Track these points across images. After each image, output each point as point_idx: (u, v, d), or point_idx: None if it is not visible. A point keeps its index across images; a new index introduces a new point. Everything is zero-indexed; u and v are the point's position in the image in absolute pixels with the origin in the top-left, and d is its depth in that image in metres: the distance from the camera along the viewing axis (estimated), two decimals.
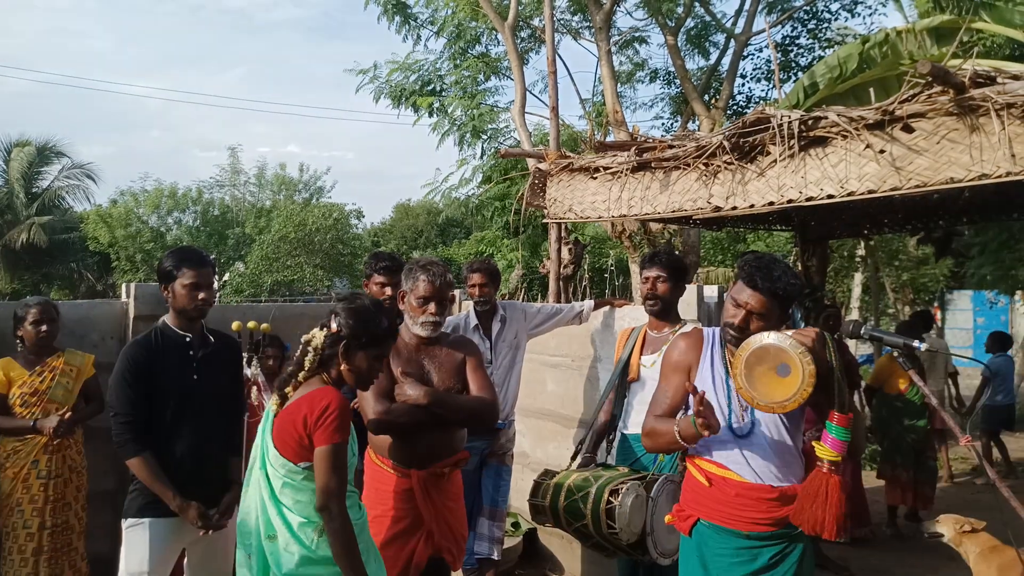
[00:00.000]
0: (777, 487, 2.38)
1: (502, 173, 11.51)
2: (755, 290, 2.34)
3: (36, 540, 3.70)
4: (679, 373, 2.51)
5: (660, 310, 3.51)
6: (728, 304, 2.43)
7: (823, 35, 11.62)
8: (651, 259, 3.56)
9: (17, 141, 25.71)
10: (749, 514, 2.37)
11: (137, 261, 23.37)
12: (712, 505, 2.42)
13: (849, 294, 14.86)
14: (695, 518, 2.48)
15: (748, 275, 2.36)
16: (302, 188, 27.92)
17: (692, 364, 2.50)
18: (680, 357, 2.53)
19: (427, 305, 2.90)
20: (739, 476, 2.39)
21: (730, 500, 2.39)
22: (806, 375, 2.19)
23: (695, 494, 2.49)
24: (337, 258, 23.82)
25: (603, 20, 10.15)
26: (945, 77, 2.69)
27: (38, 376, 3.85)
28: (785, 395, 2.23)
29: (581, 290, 11.46)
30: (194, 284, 2.90)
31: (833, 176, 3.12)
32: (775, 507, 2.37)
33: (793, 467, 2.43)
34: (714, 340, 2.53)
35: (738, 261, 2.50)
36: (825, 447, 2.30)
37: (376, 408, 2.76)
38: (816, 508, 2.27)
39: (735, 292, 2.41)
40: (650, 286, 3.51)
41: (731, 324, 2.39)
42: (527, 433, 4.98)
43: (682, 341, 2.58)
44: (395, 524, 2.85)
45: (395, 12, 11.39)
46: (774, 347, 2.24)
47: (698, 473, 2.47)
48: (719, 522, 2.41)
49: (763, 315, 2.36)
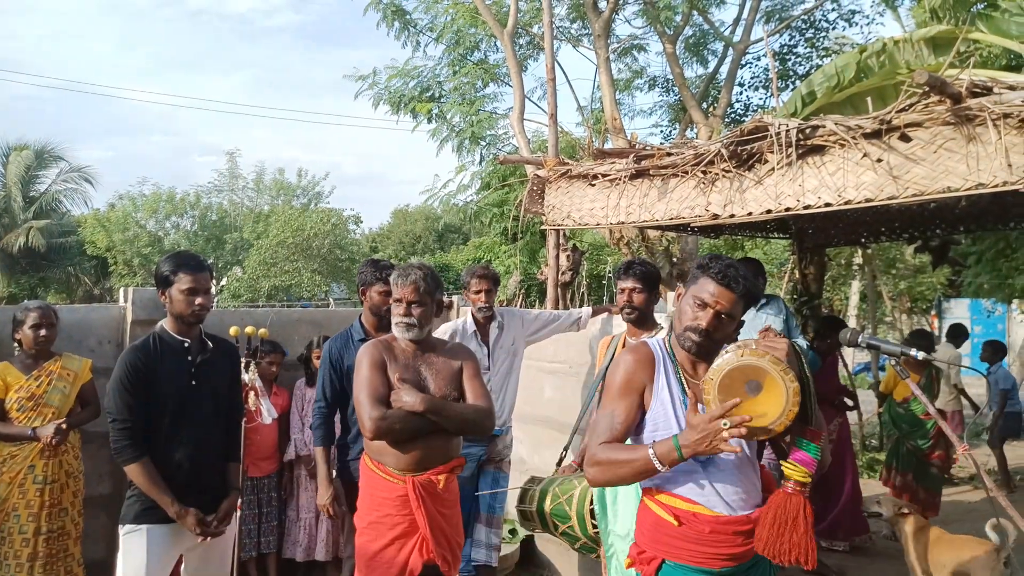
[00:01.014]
0: (749, 515, 2.15)
1: (501, 179, 11.53)
2: (727, 288, 2.13)
3: (32, 545, 3.69)
4: (630, 394, 2.20)
5: (637, 318, 3.57)
6: (688, 306, 2.18)
7: (821, 44, 11.68)
8: (626, 270, 3.62)
9: (15, 145, 25.75)
10: (723, 550, 2.13)
11: (134, 265, 23.37)
12: (680, 544, 2.15)
13: (847, 302, 14.89)
14: (660, 559, 2.18)
15: (719, 272, 2.14)
16: (300, 193, 27.94)
17: (645, 382, 2.20)
18: (630, 376, 2.21)
19: (399, 307, 2.91)
20: (711, 511, 2.13)
21: (703, 538, 2.13)
22: (791, 394, 1.98)
23: (658, 533, 2.19)
24: (335, 263, 23.84)
25: (602, 28, 10.19)
26: (942, 87, 2.70)
27: (35, 380, 3.84)
28: (770, 417, 2.00)
29: (579, 297, 11.47)
30: (191, 289, 2.90)
31: (830, 184, 3.13)
32: (750, 539, 2.13)
33: (756, 486, 2.23)
34: (664, 354, 2.25)
35: (698, 261, 2.25)
36: (796, 465, 2.09)
37: (372, 414, 2.77)
38: (789, 535, 2.04)
39: (697, 291, 2.17)
40: (626, 297, 3.57)
41: (696, 328, 2.15)
42: (524, 440, 4.98)
43: (630, 356, 2.25)
44: (390, 530, 2.85)
45: (394, 18, 11.42)
46: (752, 366, 2.00)
47: (662, 511, 2.18)
48: (688, 562, 2.15)
49: (732, 316, 2.16)
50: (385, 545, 2.85)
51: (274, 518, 4.57)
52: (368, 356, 2.89)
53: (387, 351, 2.92)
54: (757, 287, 2.22)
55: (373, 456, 2.92)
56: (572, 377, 4.71)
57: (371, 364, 2.86)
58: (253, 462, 4.41)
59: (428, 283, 2.93)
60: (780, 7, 11.89)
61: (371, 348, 2.93)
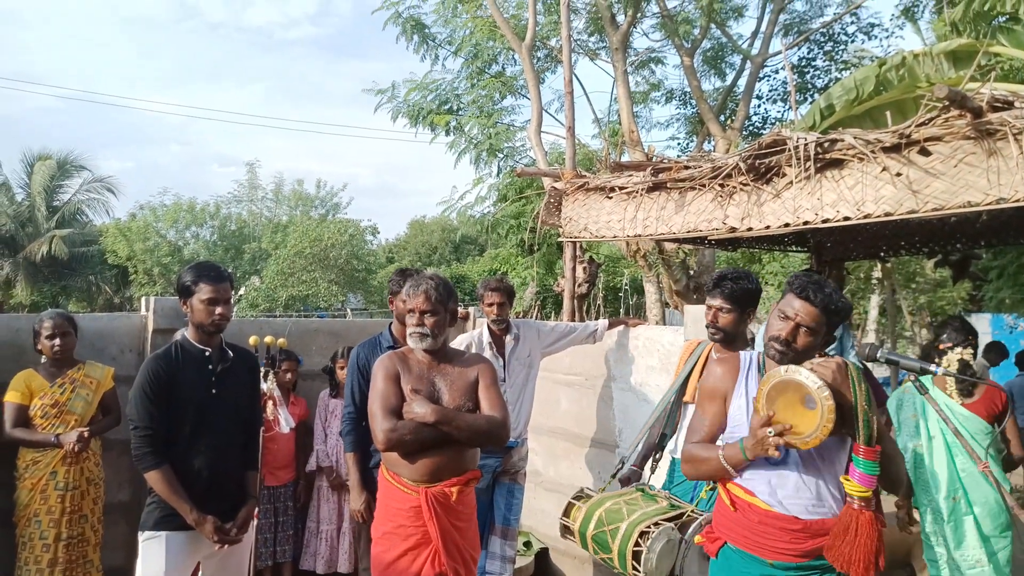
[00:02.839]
0: (803, 519, 2.31)
1: (518, 191, 11.56)
2: (807, 302, 2.30)
3: (52, 551, 3.73)
4: (716, 400, 2.47)
5: (722, 340, 3.27)
6: (774, 318, 2.37)
7: (840, 57, 11.66)
8: (715, 286, 3.26)
9: (39, 155, 26.15)
10: (772, 543, 2.32)
11: (154, 275, 23.62)
12: (737, 530, 2.39)
13: (866, 316, 14.76)
14: (722, 541, 2.45)
15: (800, 287, 2.32)
16: (319, 204, 28.15)
17: (728, 390, 2.46)
18: (716, 384, 2.49)
19: (412, 317, 2.92)
20: (764, 504, 2.34)
21: (753, 527, 2.35)
22: (825, 411, 2.15)
23: (722, 517, 2.47)
24: (352, 274, 23.95)
25: (620, 41, 10.23)
26: (962, 101, 2.70)
27: (59, 388, 3.89)
28: (806, 431, 2.19)
29: (595, 309, 11.46)
30: (212, 299, 2.93)
31: (849, 198, 3.12)
32: (800, 539, 2.30)
33: (828, 501, 2.34)
34: (750, 365, 2.49)
35: (788, 278, 2.44)
36: (852, 482, 2.23)
37: (383, 426, 2.78)
38: (845, 545, 2.20)
39: (783, 305, 2.36)
40: (712, 316, 3.25)
41: (777, 338, 2.33)
42: (540, 451, 4.97)
43: (718, 367, 2.52)
44: (403, 541, 2.85)
45: (413, 32, 11.53)
46: (794, 382, 2.20)
47: (725, 496, 2.44)
48: (744, 547, 2.38)
49: (812, 329, 2.30)
50: (399, 555, 2.85)
51: (290, 527, 4.59)
52: (382, 368, 2.90)
53: (402, 363, 2.93)
54: (841, 303, 2.35)
55: (389, 467, 2.93)
56: (588, 389, 4.70)
57: (385, 376, 2.87)
58: (270, 471, 4.43)
59: (440, 293, 2.93)
60: (799, 20, 11.89)
61: (386, 360, 2.93)
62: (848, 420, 2.22)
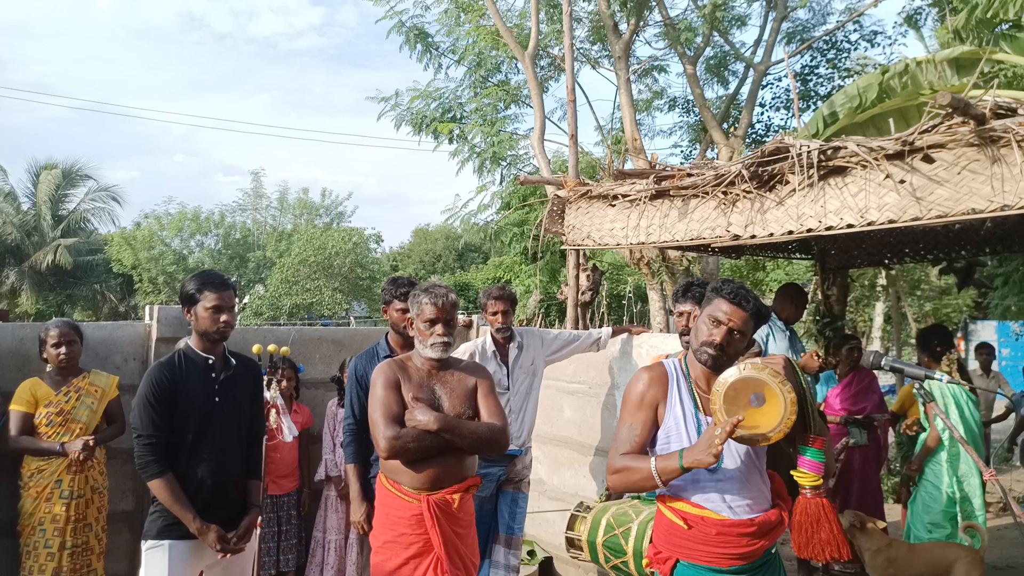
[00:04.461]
0: (754, 519, 2.35)
1: (521, 200, 11.57)
2: (738, 307, 2.35)
3: (56, 560, 3.73)
4: (645, 409, 2.43)
5: None
6: (703, 324, 2.40)
7: (843, 65, 11.65)
8: (683, 292, 3.39)
9: (45, 164, 26.27)
10: (730, 550, 2.34)
11: (159, 283, 23.68)
12: (692, 545, 2.38)
13: (870, 324, 14.71)
14: (674, 559, 2.42)
15: (732, 293, 2.37)
16: (323, 213, 28.22)
17: (659, 399, 2.43)
18: (644, 391, 2.45)
19: (434, 327, 2.92)
20: (717, 515, 2.35)
21: (710, 539, 2.34)
22: (788, 403, 2.18)
23: (671, 535, 2.43)
24: (356, 282, 24.00)
25: (622, 49, 10.26)
26: (965, 108, 2.69)
27: (64, 396, 3.90)
28: (769, 426, 2.20)
29: (599, 317, 11.44)
30: (216, 307, 2.94)
31: (853, 206, 3.12)
32: (755, 540, 2.35)
33: (764, 493, 2.42)
34: (678, 372, 2.48)
35: (711, 286, 2.49)
36: (805, 472, 2.33)
37: (386, 433, 2.77)
38: (818, 535, 2.27)
39: (712, 311, 2.38)
40: (685, 321, 3.34)
41: (711, 343, 2.36)
42: (544, 460, 4.96)
43: (645, 374, 2.49)
44: (405, 550, 2.85)
45: (417, 41, 11.58)
46: (753, 379, 2.21)
47: (673, 515, 2.41)
48: (700, 561, 2.37)
49: (744, 333, 2.37)
50: (400, 564, 2.84)
51: (293, 536, 4.57)
52: (382, 376, 2.90)
53: (401, 370, 2.93)
54: (764, 307, 2.43)
55: (388, 475, 2.92)
56: (591, 398, 4.69)
57: (385, 384, 2.87)
58: (273, 480, 4.43)
59: (456, 301, 2.98)
60: (801, 28, 11.89)
61: (385, 368, 2.93)
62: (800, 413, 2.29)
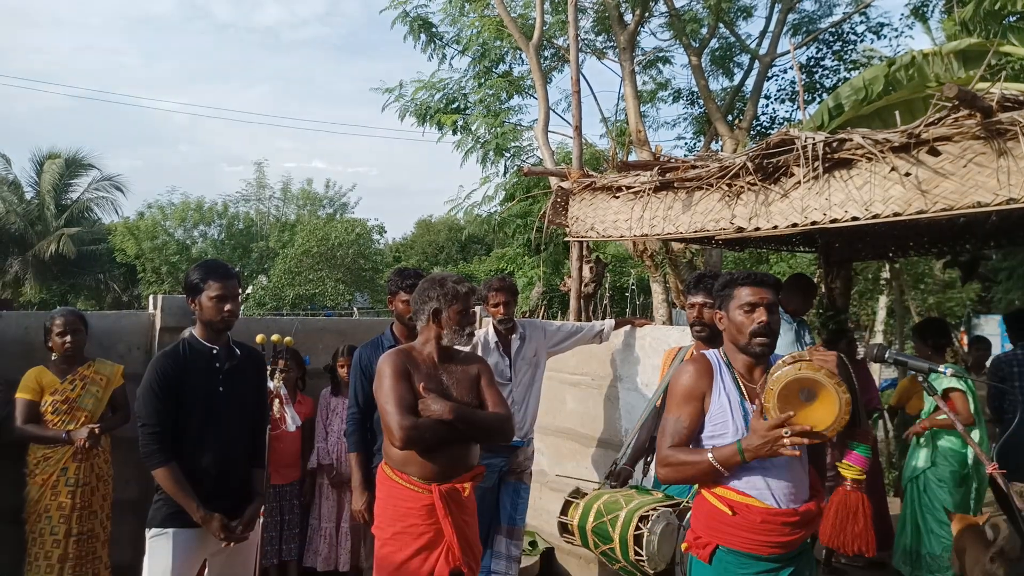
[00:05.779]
0: (798, 509, 2.41)
1: (525, 191, 11.54)
2: (759, 286, 2.47)
3: (62, 547, 3.76)
4: (692, 401, 2.48)
5: (707, 336, 3.36)
6: (738, 316, 2.50)
7: (849, 57, 11.59)
8: (695, 284, 3.42)
9: (48, 153, 26.27)
10: (772, 538, 2.38)
11: (162, 273, 23.71)
12: (734, 532, 2.41)
13: (874, 317, 14.67)
14: (714, 545, 2.46)
15: (745, 277, 2.50)
16: (327, 204, 28.21)
17: (705, 391, 2.48)
18: (692, 384, 2.49)
19: (460, 316, 2.98)
20: (763, 503, 2.39)
21: (755, 527, 2.38)
22: (843, 403, 2.21)
23: (714, 521, 2.46)
24: (359, 273, 24.02)
25: (627, 40, 10.21)
26: (972, 101, 2.68)
27: (69, 384, 3.92)
28: (823, 424, 2.23)
29: (602, 309, 11.44)
30: (220, 296, 2.95)
31: (858, 198, 3.11)
32: (797, 529, 2.40)
33: (805, 483, 2.47)
34: (720, 363, 2.53)
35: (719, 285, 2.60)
36: (851, 465, 2.41)
37: (403, 423, 2.75)
38: (851, 528, 2.33)
39: (738, 302, 2.50)
40: (696, 312, 3.36)
41: (760, 329, 2.45)
42: (546, 451, 4.97)
43: (691, 367, 2.53)
44: (416, 540, 2.85)
45: (421, 31, 11.54)
46: (809, 379, 2.25)
47: (718, 502, 2.44)
48: (742, 548, 2.41)
49: (778, 306, 2.51)
50: (411, 555, 2.84)
51: (296, 526, 4.60)
52: (390, 365, 2.88)
53: (409, 360, 2.93)
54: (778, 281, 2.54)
55: (396, 466, 2.91)
56: (594, 389, 4.70)
57: (395, 373, 2.85)
58: (276, 469, 4.44)
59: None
60: (807, 20, 11.84)
61: (393, 357, 2.92)
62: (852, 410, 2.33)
